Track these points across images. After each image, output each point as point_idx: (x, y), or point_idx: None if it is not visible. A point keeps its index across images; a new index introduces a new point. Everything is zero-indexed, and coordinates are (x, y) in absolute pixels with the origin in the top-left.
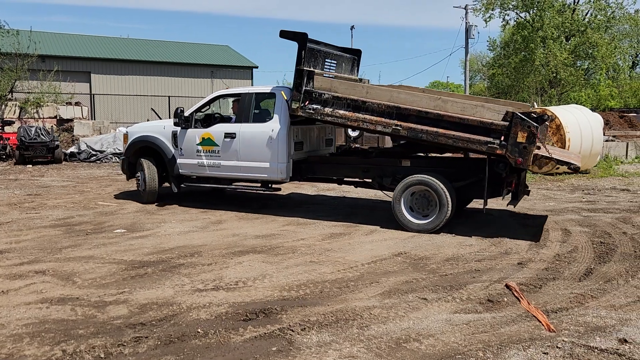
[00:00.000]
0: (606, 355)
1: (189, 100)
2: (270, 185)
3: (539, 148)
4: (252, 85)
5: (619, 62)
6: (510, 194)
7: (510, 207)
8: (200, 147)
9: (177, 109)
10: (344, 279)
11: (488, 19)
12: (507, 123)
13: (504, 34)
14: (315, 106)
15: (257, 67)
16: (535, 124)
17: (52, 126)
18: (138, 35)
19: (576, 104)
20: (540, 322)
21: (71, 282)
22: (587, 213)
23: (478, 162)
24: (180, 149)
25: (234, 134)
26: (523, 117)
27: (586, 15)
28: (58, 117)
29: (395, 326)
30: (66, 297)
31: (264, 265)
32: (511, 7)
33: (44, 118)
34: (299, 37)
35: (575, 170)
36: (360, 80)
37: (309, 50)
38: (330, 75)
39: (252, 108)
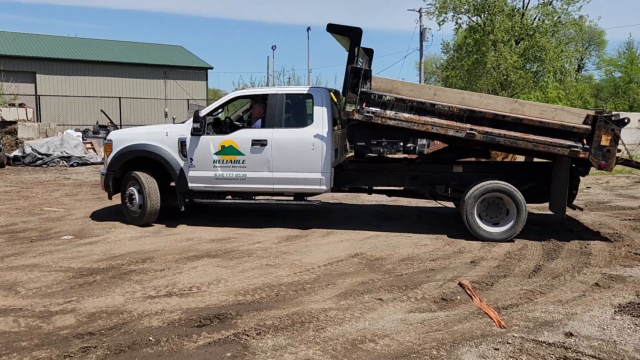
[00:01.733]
0: (553, 348)
1: (142, 102)
2: (305, 197)
3: (619, 151)
4: (207, 86)
5: (565, 65)
6: (568, 198)
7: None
8: (218, 157)
9: (196, 111)
10: (300, 281)
11: (441, 22)
12: (589, 126)
13: (457, 37)
14: (374, 109)
15: (212, 68)
16: (618, 126)
17: None
18: (86, 34)
19: None
20: (491, 318)
21: (14, 292)
22: (537, 211)
23: (535, 167)
24: (191, 159)
25: (265, 140)
26: (607, 120)
27: (534, 19)
28: (0, 120)
29: (351, 327)
30: (8, 308)
31: (218, 269)
32: (463, 11)
33: None
34: (353, 32)
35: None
36: None
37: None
38: None
39: (284, 111)
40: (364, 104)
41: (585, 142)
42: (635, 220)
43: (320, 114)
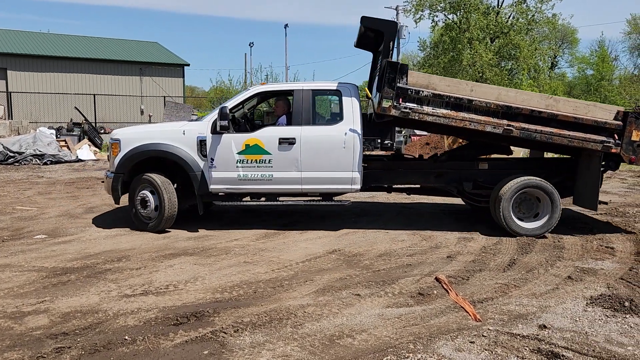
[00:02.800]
0: (527, 340)
1: (117, 99)
2: (332, 197)
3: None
4: (183, 83)
5: (539, 62)
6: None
7: (578, 207)
8: (242, 157)
9: (222, 107)
10: (278, 278)
11: (418, 20)
12: (620, 122)
13: (433, 35)
14: (411, 105)
15: (188, 65)
16: None
17: None
18: (60, 30)
19: None
20: (467, 312)
21: None
22: None
23: (559, 163)
24: (212, 159)
25: (293, 139)
26: (637, 116)
27: (509, 18)
28: None
29: (328, 323)
30: None
31: (196, 267)
32: (439, 8)
33: None
34: (389, 26)
35: None
36: None
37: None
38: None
39: (312, 108)
40: (400, 100)
41: (616, 137)
42: (607, 214)
43: (351, 111)
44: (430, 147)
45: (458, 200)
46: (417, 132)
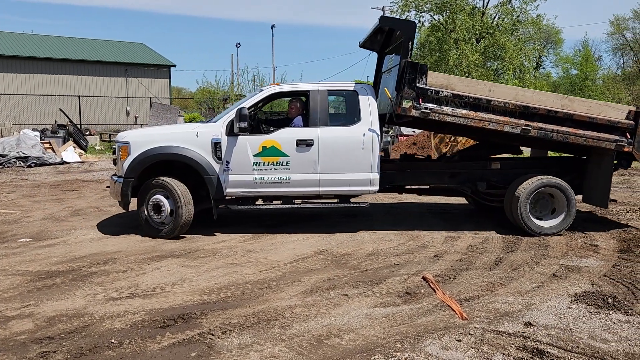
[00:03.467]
0: (513, 338)
1: (102, 101)
2: (350, 199)
3: None
4: (170, 84)
5: (524, 63)
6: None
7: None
8: (258, 159)
9: (240, 108)
10: (266, 279)
11: None
12: (632, 121)
13: (420, 36)
14: (431, 105)
15: (174, 66)
16: None
17: None
18: (44, 31)
19: None
20: (454, 311)
21: None
22: None
23: (569, 161)
24: (227, 162)
25: (311, 140)
26: None
27: (494, 18)
28: None
29: (316, 323)
30: None
31: (183, 269)
32: (426, 9)
33: None
34: (408, 26)
35: None
36: None
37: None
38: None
39: (328, 109)
40: (420, 100)
41: (629, 136)
42: (590, 212)
43: (368, 111)
44: (417, 147)
45: (445, 200)
46: (404, 132)
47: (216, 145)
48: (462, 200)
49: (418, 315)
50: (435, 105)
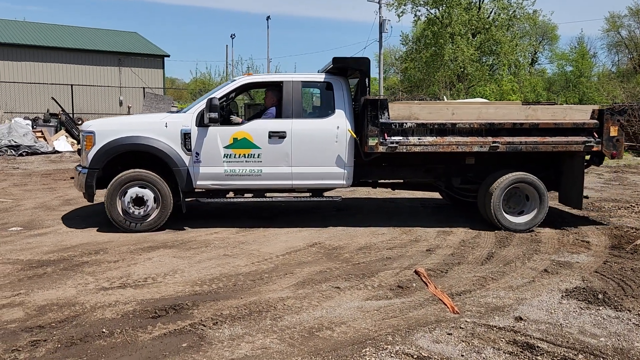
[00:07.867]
0: (504, 332)
1: (95, 90)
2: (322, 193)
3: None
4: (163, 74)
5: (519, 58)
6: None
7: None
8: (229, 151)
9: (211, 98)
10: (258, 271)
11: (401, 14)
12: (597, 120)
13: (416, 29)
14: (397, 138)
15: (168, 56)
16: (621, 116)
17: None
18: (36, 18)
19: (481, 97)
20: (445, 305)
21: None
22: None
23: (544, 158)
24: (197, 154)
25: (284, 132)
26: (612, 112)
27: (490, 13)
28: None
29: (308, 316)
30: None
31: (175, 260)
32: (422, 3)
33: None
34: (362, 64)
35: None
36: None
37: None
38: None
39: (302, 100)
40: (386, 135)
41: (596, 135)
42: (584, 209)
43: (342, 104)
44: None
45: (438, 195)
46: None
47: (185, 136)
48: None
49: (410, 309)
50: (401, 138)
